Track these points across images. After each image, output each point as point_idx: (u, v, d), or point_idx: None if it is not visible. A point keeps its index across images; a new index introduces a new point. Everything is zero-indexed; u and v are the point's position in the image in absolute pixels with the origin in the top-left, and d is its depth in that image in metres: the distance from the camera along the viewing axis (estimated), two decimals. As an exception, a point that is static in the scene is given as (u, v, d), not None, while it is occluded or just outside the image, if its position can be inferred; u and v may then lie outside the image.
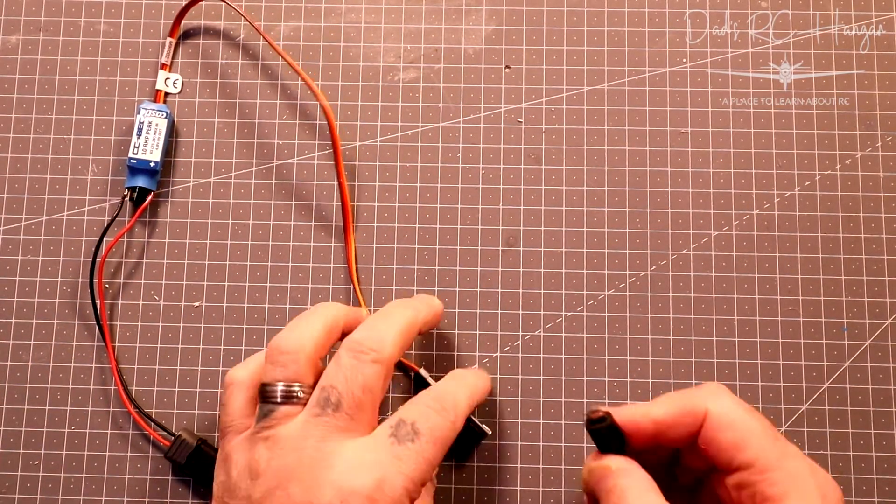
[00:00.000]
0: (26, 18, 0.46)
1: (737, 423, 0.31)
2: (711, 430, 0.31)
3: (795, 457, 0.31)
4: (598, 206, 0.44)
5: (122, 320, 0.44)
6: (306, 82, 0.43)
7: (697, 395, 0.32)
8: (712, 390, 0.33)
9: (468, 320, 0.43)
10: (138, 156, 0.43)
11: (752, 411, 0.32)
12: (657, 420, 0.32)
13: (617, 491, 0.31)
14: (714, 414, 0.32)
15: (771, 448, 0.30)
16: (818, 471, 0.31)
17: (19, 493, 0.42)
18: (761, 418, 0.32)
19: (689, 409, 0.32)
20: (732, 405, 0.32)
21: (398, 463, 0.31)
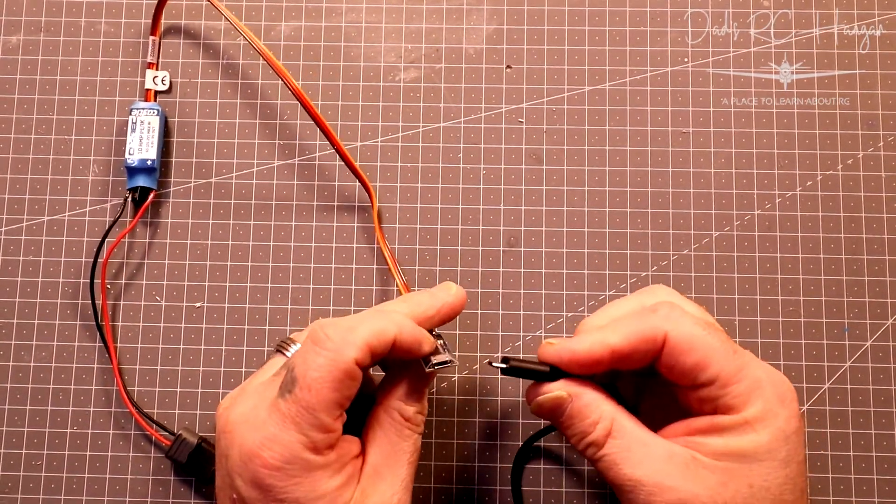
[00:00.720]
0: (27, 19, 0.46)
1: (697, 345, 0.32)
2: (673, 354, 0.32)
3: (752, 365, 0.32)
4: (599, 206, 0.44)
5: (123, 321, 0.44)
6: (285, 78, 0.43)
7: (654, 320, 0.32)
8: (667, 312, 0.32)
9: (469, 321, 0.43)
10: (135, 156, 0.43)
11: (709, 327, 0.32)
12: (615, 349, 0.32)
13: (577, 414, 0.32)
14: (674, 339, 0.32)
15: (730, 363, 0.31)
16: (774, 374, 0.32)
17: (22, 493, 0.42)
18: (718, 332, 0.32)
19: (648, 336, 0.32)
20: (689, 325, 0.32)
21: (280, 416, 0.31)
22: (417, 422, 0.34)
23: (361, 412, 0.35)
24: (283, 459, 0.31)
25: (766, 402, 0.31)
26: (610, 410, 0.32)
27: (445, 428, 0.43)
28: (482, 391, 0.43)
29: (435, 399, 0.43)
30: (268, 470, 0.31)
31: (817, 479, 0.42)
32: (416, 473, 0.34)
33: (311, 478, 0.31)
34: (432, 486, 0.42)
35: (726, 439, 0.31)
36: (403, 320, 0.33)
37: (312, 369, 0.31)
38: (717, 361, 0.31)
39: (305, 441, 0.31)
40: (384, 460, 0.33)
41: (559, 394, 0.33)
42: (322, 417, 0.31)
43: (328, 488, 0.31)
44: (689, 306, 0.34)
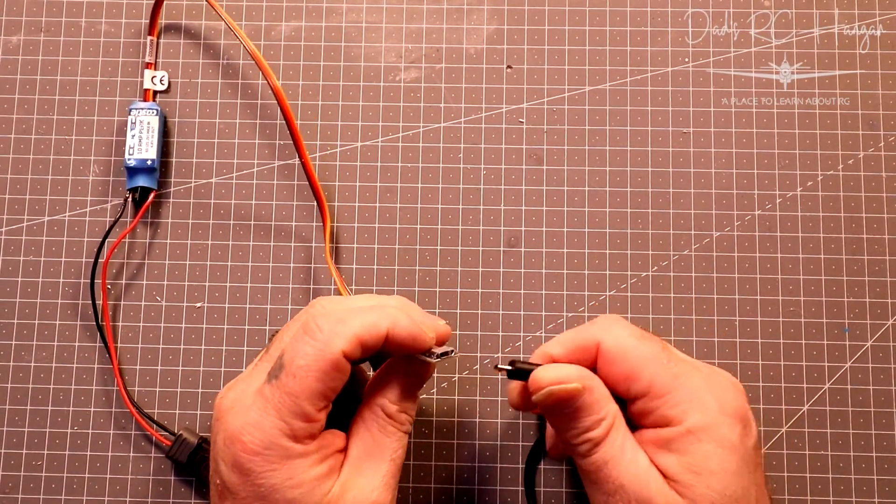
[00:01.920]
0: (27, 19, 0.46)
1: (628, 354, 0.32)
2: (605, 363, 0.32)
3: (689, 374, 0.31)
4: (599, 206, 0.44)
5: (124, 321, 0.44)
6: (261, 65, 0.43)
7: (590, 330, 0.33)
8: (604, 323, 0.33)
9: (469, 321, 0.43)
10: (135, 156, 0.43)
11: (644, 337, 0.32)
12: (555, 358, 0.33)
13: (586, 408, 0.32)
14: (605, 347, 0.32)
15: (664, 372, 0.31)
16: (715, 380, 0.32)
17: (22, 493, 0.42)
18: (653, 343, 0.32)
19: (583, 345, 0.33)
20: (623, 335, 0.32)
21: (263, 402, 0.31)
22: (401, 420, 0.34)
23: (351, 408, 0.35)
24: (261, 444, 0.31)
25: (706, 411, 0.30)
26: (614, 410, 0.32)
27: (446, 428, 0.43)
28: (482, 391, 0.43)
29: (435, 399, 0.43)
30: (247, 455, 0.31)
31: (817, 479, 0.42)
32: (401, 471, 0.34)
33: (289, 465, 0.31)
34: (433, 486, 0.42)
35: (676, 457, 0.31)
36: (398, 315, 0.33)
37: (300, 357, 0.31)
38: (649, 370, 0.31)
39: (285, 428, 0.31)
40: (366, 455, 0.33)
41: (576, 386, 0.32)
42: (304, 406, 0.31)
43: (306, 478, 0.31)
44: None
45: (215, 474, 0.33)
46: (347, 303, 0.34)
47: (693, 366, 0.32)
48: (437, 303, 0.43)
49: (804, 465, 0.42)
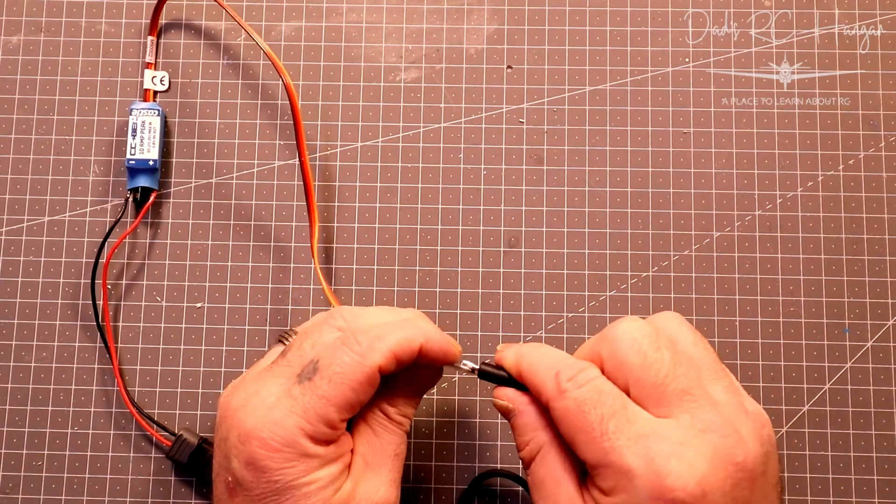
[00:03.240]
0: (27, 19, 0.46)
1: (569, 419, 0.30)
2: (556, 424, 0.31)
3: (623, 451, 0.28)
4: (600, 206, 0.44)
5: (124, 321, 0.44)
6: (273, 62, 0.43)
7: (543, 390, 0.32)
8: (575, 370, 0.31)
9: (470, 321, 0.43)
10: (136, 156, 0.43)
11: (588, 403, 0.30)
12: (517, 374, 0.34)
13: (516, 428, 0.34)
14: (552, 409, 0.31)
15: (595, 447, 0.29)
16: (663, 456, 0.28)
17: (22, 493, 0.42)
18: (596, 409, 0.30)
19: (539, 384, 0.32)
20: (568, 400, 0.30)
21: (291, 402, 0.32)
22: (400, 421, 0.35)
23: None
24: (281, 442, 0.31)
25: (633, 496, 0.28)
26: (542, 439, 0.32)
27: (445, 428, 0.43)
28: (482, 391, 0.43)
29: (435, 399, 0.43)
30: (265, 451, 0.31)
31: (818, 479, 0.42)
32: (404, 469, 0.35)
33: (304, 464, 0.31)
34: (433, 486, 0.42)
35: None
36: (430, 329, 0.34)
37: (337, 365, 0.32)
38: (582, 444, 0.30)
39: (309, 429, 0.31)
40: (371, 455, 0.34)
41: (505, 404, 0.34)
42: (332, 413, 0.32)
43: (320, 476, 0.32)
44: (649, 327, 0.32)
45: (226, 472, 0.33)
46: (371, 315, 0.35)
47: (644, 437, 0.29)
48: (437, 303, 0.43)
49: (804, 465, 0.42)
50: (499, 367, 0.35)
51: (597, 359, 0.32)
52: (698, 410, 0.29)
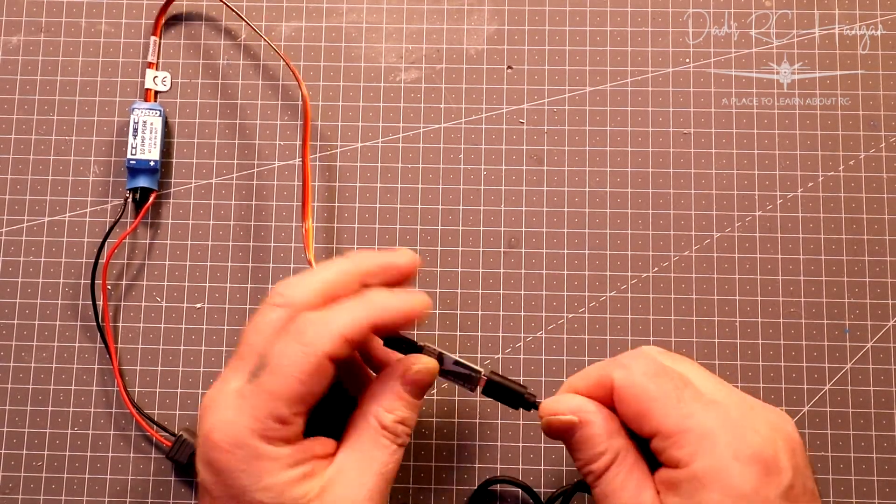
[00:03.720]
0: (27, 19, 0.46)
1: (637, 393, 0.31)
2: (618, 402, 0.32)
3: (701, 414, 0.30)
4: (600, 207, 0.44)
5: (124, 321, 0.44)
6: (285, 62, 0.43)
7: (610, 366, 0.32)
8: (626, 358, 0.32)
9: (470, 322, 0.43)
10: (137, 156, 0.43)
11: (660, 374, 0.31)
12: (577, 390, 0.33)
13: (585, 441, 0.32)
14: (617, 386, 0.31)
15: (673, 412, 0.30)
16: (745, 420, 0.30)
17: (22, 493, 0.42)
18: (667, 381, 0.31)
19: (600, 381, 0.32)
20: (635, 373, 0.31)
21: (241, 401, 0.30)
22: (397, 432, 0.32)
23: (346, 413, 0.34)
24: (231, 443, 0.30)
25: (716, 456, 0.29)
26: (616, 445, 0.31)
27: (446, 429, 0.43)
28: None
29: (435, 400, 0.43)
30: (216, 453, 0.30)
31: (818, 480, 0.42)
32: (391, 486, 0.32)
33: (258, 466, 0.30)
34: (433, 487, 0.42)
35: (681, 500, 0.29)
36: (382, 297, 0.33)
37: (284, 357, 0.31)
38: (658, 411, 0.30)
39: (258, 428, 0.30)
40: (352, 465, 0.32)
41: (570, 418, 0.32)
42: (281, 408, 0.30)
43: (275, 481, 0.30)
44: (685, 366, 0.33)
45: (198, 473, 0.32)
46: (311, 281, 0.33)
47: (717, 405, 0.30)
48: (437, 303, 0.43)
49: (804, 466, 0.42)
50: (504, 377, 0.35)
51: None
52: (733, 398, 0.32)
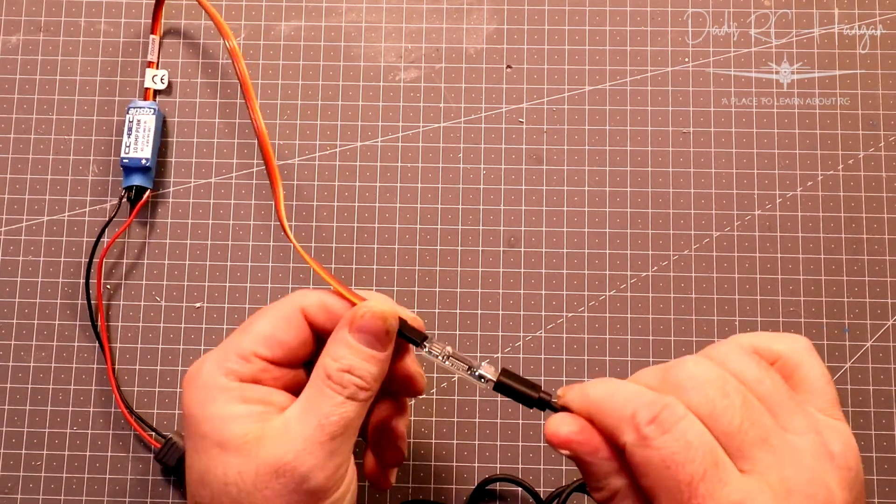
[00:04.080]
0: (27, 19, 0.46)
1: (651, 475, 0.26)
2: (628, 459, 0.27)
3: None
4: (599, 206, 0.44)
5: (123, 321, 0.44)
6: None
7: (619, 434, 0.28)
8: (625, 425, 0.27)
9: (469, 321, 0.43)
10: (129, 154, 0.43)
11: (666, 462, 0.26)
12: (591, 419, 0.29)
13: (586, 471, 0.28)
14: (627, 452, 0.27)
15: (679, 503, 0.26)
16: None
17: (21, 493, 0.42)
18: (681, 471, 0.26)
19: (609, 433, 0.28)
20: (651, 449, 0.26)
21: (215, 350, 0.33)
22: (343, 381, 0.31)
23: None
24: (194, 372, 0.32)
25: None
26: (616, 485, 0.28)
27: (445, 428, 0.43)
28: (482, 391, 0.43)
29: (435, 399, 0.43)
30: (184, 385, 0.32)
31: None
32: (341, 442, 0.31)
33: (207, 396, 0.31)
34: (432, 486, 0.42)
35: None
36: (374, 296, 0.34)
37: (265, 307, 0.33)
38: (662, 499, 0.26)
39: (219, 359, 0.32)
40: (297, 415, 0.31)
41: (566, 453, 0.29)
42: (245, 343, 0.32)
43: (219, 412, 0.30)
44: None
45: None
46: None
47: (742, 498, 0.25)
48: (436, 303, 0.43)
49: (804, 465, 0.42)
50: (514, 377, 0.32)
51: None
52: (782, 466, 0.26)
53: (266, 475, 0.29)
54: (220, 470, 0.30)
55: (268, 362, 0.32)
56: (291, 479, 0.29)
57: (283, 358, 0.32)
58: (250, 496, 0.29)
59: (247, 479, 0.29)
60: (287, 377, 0.33)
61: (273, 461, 0.29)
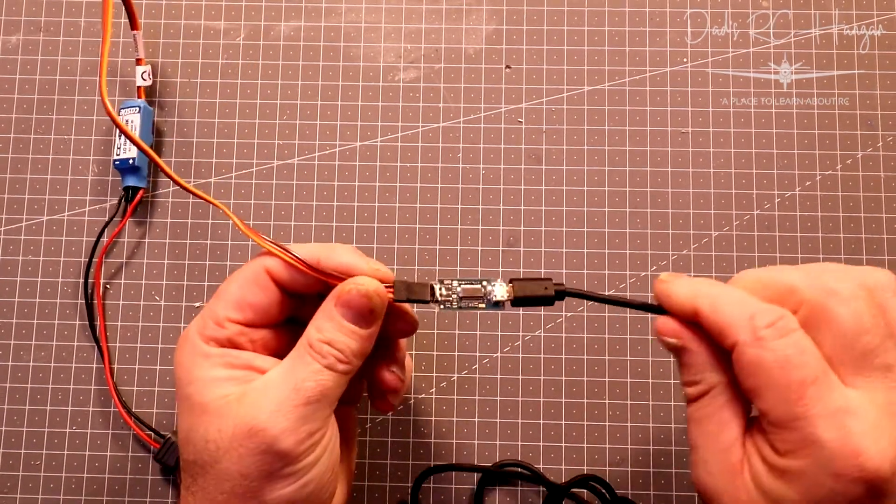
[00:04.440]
0: (26, 19, 0.46)
1: (759, 372, 0.28)
2: (735, 366, 0.29)
3: (817, 422, 0.27)
4: (598, 206, 0.44)
5: (123, 320, 0.44)
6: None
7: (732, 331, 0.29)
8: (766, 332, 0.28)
9: (469, 321, 0.43)
10: (120, 155, 0.43)
11: (788, 363, 0.27)
12: (701, 318, 0.30)
13: (684, 365, 0.31)
14: (738, 352, 0.28)
15: (788, 408, 0.27)
16: (851, 442, 0.27)
17: (21, 492, 0.42)
18: (795, 371, 0.27)
19: (723, 331, 0.29)
20: (765, 350, 0.28)
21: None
22: (322, 352, 0.31)
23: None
24: (181, 340, 0.33)
25: (813, 469, 0.27)
26: (712, 380, 0.30)
27: (445, 428, 0.43)
28: (481, 391, 0.43)
29: (434, 399, 0.43)
30: (174, 354, 0.33)
31: None
32: (316, 408, 0.31)
33: (192, 361, 0.32)
34: (432, 486, 0.42)
35: (767, 475, 0.28)
36: (343, 249, 0.34)
37: (234, 272, 0.34)
38: (771, 400, 0.28)
39: (199, 326, 0.33)
40: (276, 378, 0.31)
41: (674, 342, 0.31)
42: (218, 308, 0.33)
43: (202, 376, 0.32)
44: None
45: None
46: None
47: (845, 414, 0.27)
48: (435, 302, 0.43)
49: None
50: (525, 287, 0.33)
51: (789, 299, 0.29)
52: (892, 392, 0.28)
53: (241, 434, 0.30)
54: (203, 428, 0.31)
55: (241, 325, 0.33)
56: (263, 439, 0.30)
57: (256, 319, 0.33)
58: (227, 454, 0.30)
59: (224, 436, 0.30)
60: (266, 338, 0.34)
61: (248, 420, 0.30)
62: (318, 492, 0.32)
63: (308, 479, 0.31)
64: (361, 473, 0.42)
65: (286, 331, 0.35)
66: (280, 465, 0.30)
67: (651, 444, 0.42)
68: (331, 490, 0.33)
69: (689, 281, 0.31)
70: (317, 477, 0.31)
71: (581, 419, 0.42)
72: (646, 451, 0.42)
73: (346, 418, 0.37)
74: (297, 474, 0.31)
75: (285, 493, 0.30)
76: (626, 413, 0.43)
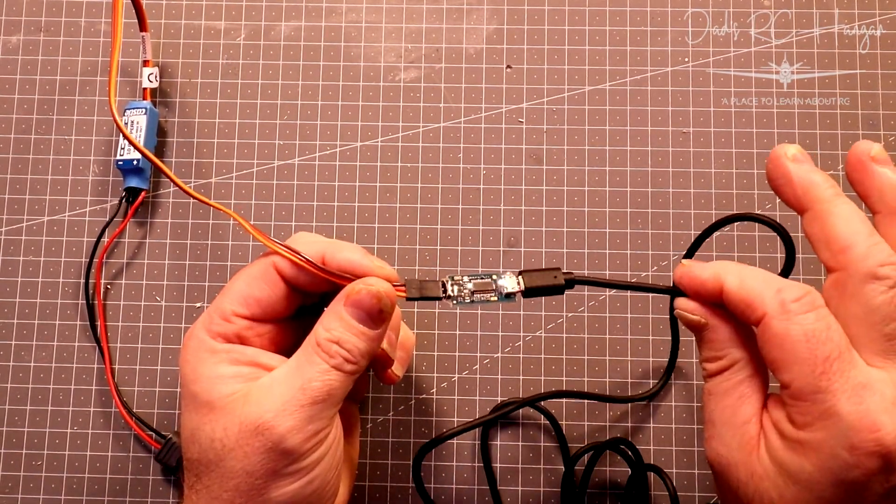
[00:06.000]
0: (27, 19, 0.46)
1: (784, 344, 0.28)
2: (759, 338, 0.30)
3: (837, 395, 0.28)
4: (599, 206, 0.44)
5: (124, 321, 0.44)
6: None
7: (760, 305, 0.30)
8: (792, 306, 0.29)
9: (469, 321, 0.43)
10: (124, 156, 0.43)
11: (808, 336, 0.28)
12: (725, 295, 0.31)
13: (707, 342, 0.32)
14: (766, 324, 0.29)
15: (809, 379, 0.28)
16: (870, 418, 0.27)
17: (22, 493, 0.42)
18: (819, 347, 0.28)
19: (749, 305, 0.30)
20: (791, 323, 0.28)
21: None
22: (330, 351, 0.31)
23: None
24: (188, 337, 0.33)
25: (830, 441, 0.28)
26: (736, 356, 0.31)
27: (445, 428, 0.43)
28: (482, 391, 0.43)
29: (435, 399, 0.43)
30: (181, 351, 0.33)
31: None
32: (322, 408, 0.31)
33: (198, 357, 0.32)
34: (432, 486, 0.42)
35: (783, 448, 0.29)
36: (348, 247, 0.34)
37: (242, 268, 0.34)
38: (793, 372, 0.28)
39: (206, 322, 0.33)
40: (282, 376, 0.31)
41: (698, 319, 0.32)
42: (224, 303, 0.33)
43: (208, 373, 0.32)
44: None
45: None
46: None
47: (865, 389, 0.28)
48: (436, 302, 0.43)
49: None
50: (535, 278, 0.34)
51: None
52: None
53: (247, 432, 0.30)
54: (208, 427, 0.31)
55: (248, 320, 0.33)
56: (269, 437, 0.30)
57: (262, 314, 0.33)
58: (232, 452, 0.30)
59: (230, 434, 0.30)
60: (272, 333, 0.34)
61: (254, 418, 0.30)
62: (321, 489, 0.32)
63: (312, 477, 0.31)
64: (362, 474, 0.42)
65: (293, 326, 0.35)
66: (285, 462, 0.30)
67: (651, 445, 0.42)
68: (334, 487, 0.33)
69: (711, 264, 0.32)
70: (321, 474, 0.31)
71: (581, 419, 0.42)
72: (645, 452, 0.42)
73: (349, 415, 0.37)
74: (301, 472, 0.31)
75: (289, 491, 0.31)
76: (626, 413, 0.43)
